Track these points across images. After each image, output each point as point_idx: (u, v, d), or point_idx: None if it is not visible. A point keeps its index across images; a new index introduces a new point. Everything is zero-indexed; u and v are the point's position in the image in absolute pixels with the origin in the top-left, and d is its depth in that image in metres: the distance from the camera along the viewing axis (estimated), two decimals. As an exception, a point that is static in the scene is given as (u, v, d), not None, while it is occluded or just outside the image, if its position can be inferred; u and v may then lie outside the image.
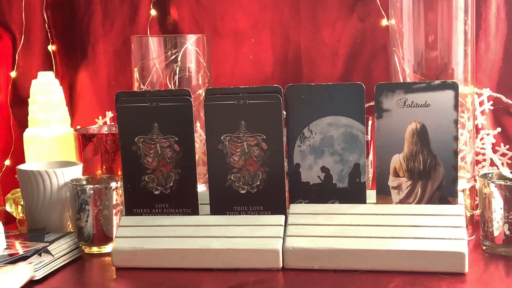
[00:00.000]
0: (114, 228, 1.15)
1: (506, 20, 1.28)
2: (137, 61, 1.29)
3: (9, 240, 1.08)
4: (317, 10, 1.37)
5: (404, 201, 1.08)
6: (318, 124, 1.09)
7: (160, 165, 1.10)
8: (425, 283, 0.94)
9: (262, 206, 1.09)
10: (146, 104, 1.09)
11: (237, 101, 1.07)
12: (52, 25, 1.51)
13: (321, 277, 0.98)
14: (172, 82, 1.27)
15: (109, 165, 1.28)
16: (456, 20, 1.14)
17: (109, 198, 1.14)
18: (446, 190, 1.06)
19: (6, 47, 1.52)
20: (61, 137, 1.35)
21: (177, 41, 1.27)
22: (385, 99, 1.06)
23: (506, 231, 1.04)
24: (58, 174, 1.16)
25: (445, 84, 1.04)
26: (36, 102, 1.36)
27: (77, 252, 1.11)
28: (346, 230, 1.02)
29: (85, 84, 1.51)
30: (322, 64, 1.37)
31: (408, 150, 1.06)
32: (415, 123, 1.06)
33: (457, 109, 1.04)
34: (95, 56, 1.50)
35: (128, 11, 1.47)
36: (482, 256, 1.05)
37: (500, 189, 1.03)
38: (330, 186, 1.09)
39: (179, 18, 1.44)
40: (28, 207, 1.19)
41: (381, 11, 1.32)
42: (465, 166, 1.18)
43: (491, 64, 1.29)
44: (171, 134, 1.10)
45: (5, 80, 1.52)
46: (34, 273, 1.00)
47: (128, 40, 1.34)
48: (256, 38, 1.40)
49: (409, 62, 1.16)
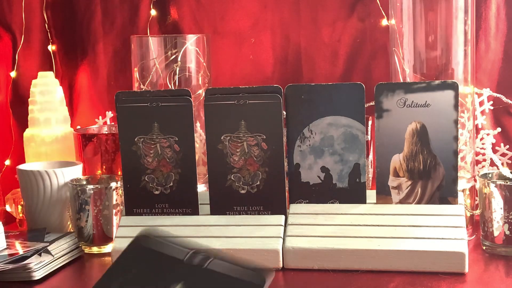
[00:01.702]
0: (114, 228, 1.15)
1: (506, 20, 1.28)
2: (137, 61, 1.29)
3: (9, 240, 1.08)
4: (317, 10, 1.37)
5: (404, 201, 1.08)
6: (318, 124, 1.09)
7: (160, 165, 1.10)
8: (425, 283, 0.94)
9: (262, 206, 1.09)
10: (146, 104, 1.09)
11: (237, 101, 1.07)
12: (52, 25, 1.51)
13: (321, 277, 0.98)
14: (172, 82, 1.27)
15: (109, 165, 1.28)
16: (456, 20, 1.14)
17: (109, 198, 1.14)
18: (446, 190, 1.06)
19: (6, 47, 1.52)
20: (61, 137, 1.35)
21: (177, 41, 1.27)
22: (385, 99, 1.06)
23: (506, 231, 1.04)
24: (58, 174, 1.16)
25: (445, 84, 1.04)
26: (36, 102, 1.36)
27: (77, 252, 1.11)
28: (346, 230, 1.02)
29: (85, 84, 1.51)
30: (322, 64, 1.37)
31: (408, 150, 1.06)
32: (415, 123, 1.06)
33: (457, 109, 1.04)
34: (95, 56, 1.50)
35: (128, 11, 1.47)
36: (482, 256, 1.05)
37: (500, 189, 1.03)
38: (330, 186, 1.09)
39: (179, 18, 1.44)
40: (28, 207, 1.19)
41: (381, 11, 1.32)
42: (465, 166, 1.18)
43: (491, 64, 1.29)
44: (171, 134, 1.10)
45: (5, 80, 1.52)
46: (34, 273, 1.00)
47: (128, 40, 1.34)
48: (256, 38, 1.40)
49: (409, 62, 1.16)
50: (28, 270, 1.00)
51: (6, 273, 0.99)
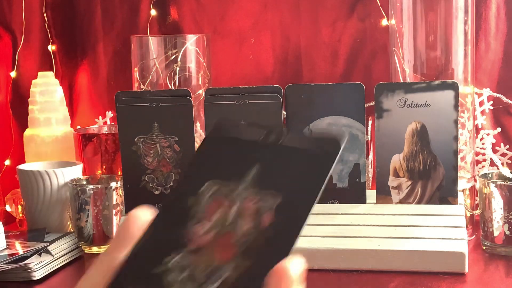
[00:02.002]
0: (114, 228, 1.15)
1: (506, 20, 1.27)
2: (137, 61, 1.29)
3: (9, 240, 1.08)
4: (317, 10, 1.37)
5: (404, 201, 1.07)
6: (318, 124, 1.09)
7: (160, 165, 1.10)
8: (425, 283, 0.94)
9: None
10: (146, 104, 1.09)
11: (237, 101, 1.07)
12: (52, 25, 1.51)
13: (321, 277, 0.98)
14: (172, 82, 1.27)
15: (109, 165, 1.28)
16: (456, 20, 1.14)
17: (109, 198, 1.14)
18: (446, 190, 1.06)
19: (6, 47, 1.52)
20: (61, 137, 1.35)
21: (177, 41, 1.27)
22: (385, 99, 1.06)
23: (506, 231, 1.04)
24: (58, 174, 1.16)
25: (445, 84, 1.04)
26: (36, 102, 1.36)
27: (77, 252, 1.11)
28: (346, 230, 1.02)
29: (85, 84, 1.51)
30: (322, 64, 1.37)
31: (408, 150, 1.06)
32: (415, 123, 1.06)
33: (457, 109, 1.04)
34: (95, 56, 1.50)
35: (128, 11, 1.47)
36: (482, 256, 1.05)
37: (500, 189, 1.03)
38: (330, 186, 1.09)
39: (179, 18, 1.44)
40: (28, 207, 1.19)
41: (381, 11, 1.32)
42: (465, 166, 1.18)
43: (491, 64, 1.29)
44: (171, 134, 1.10)
45: (5, 80, 1.52)
46: (34, 273, 1.00)
47: (128, 40, 1.34)
48: (256, 38, 1.40)
49: (409, 62, 1.16)
50: (28, 270, 1.00)
51: (6, 273, 0.99)
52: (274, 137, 0.47)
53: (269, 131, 0.48)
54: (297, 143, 0.46)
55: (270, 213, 0.44)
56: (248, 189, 0.44)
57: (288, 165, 0.45)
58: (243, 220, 0.44)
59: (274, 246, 0.43)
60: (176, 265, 0.43)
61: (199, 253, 0.43)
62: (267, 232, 0.43)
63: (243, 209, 0.44)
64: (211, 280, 0.42)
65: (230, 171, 0.45)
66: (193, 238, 0.43)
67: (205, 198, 0.45)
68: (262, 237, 0.43)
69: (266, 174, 0.45)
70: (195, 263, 0.43)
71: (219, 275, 0.42)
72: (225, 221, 0.44)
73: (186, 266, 0.43)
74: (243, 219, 0.44)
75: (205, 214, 0.44)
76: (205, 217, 0.44)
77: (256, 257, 0.42)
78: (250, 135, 0.48)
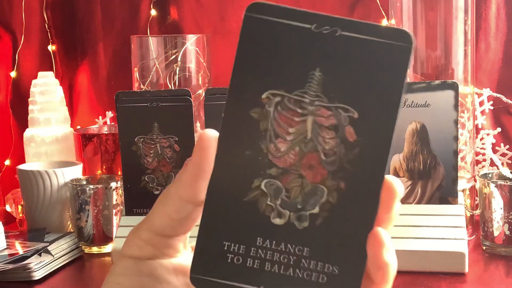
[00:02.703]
0: (114, 228, 1.15)
1: (506, 20, 1.28)
2: (137, 61, 1.29)
3: (9, 240, 1.08)
4: (317, 10, 1.36)
5: (404, 201, 1.07)
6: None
7: (160, 165, 1.10)
8: (425, 283, 0.94)
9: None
10: (146, 104, 1.09)
11: (237, 101, 1.07)
12: (52, 25, 1.51)
13: (321, 277, 0.98)
14: (172, 82, 1.27)
15: (109, 165, 1.28)
16: (456, 20, 1.14)
17: (109, 198, 1.14)
18: (446, 190, 1.06)
19: (6, 47, 1.52)
20: (61, 137, 1.35)
21: (177, 41, 1.27)
22: (385, 99, 1.06)
23: (506, 231, 1.04)
24: (58, 174, 1.16)
25: (445, 84, 1.04)
26: (36, 102, 1.36)
27: (77, 252, 1.11)
28: (346, 230, 1.02)
29: (85, 84, 1.51)
30: (322, 64, 1.37)
31: (408, 150, 1.06)
32: (415, 123, 1.06)
33: (457, 109, 1.04)
34: (95, 56, 1.50)
35: (128, 11, 1.47)
36: (482, 256, 1.05)
37: (500, 189, 1.03)
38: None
39: (179, 18, 1.44)
40: (28, 207, 1.19)
41: (381, 11, 1.32)
42: (465, 166, 1.18)
43: (491, 64, 1.29)
44: (171, 134, 1.10)
45: (5, 80, 1.52)
46: (34, 273, 1.00)
47: (128, 40, 1.34)
48: (256, 38, 1.40)
49: (409, 62, 1.16)
50: (28, 270, 1.00)
51: (6, 273, 0.99)
52: (328, 28, 0.41)
53: (319, 17, 0.42)
54: (362, 32, 0.40)
55: (350, 128, 0.39)
56: (316, 99, 0.39)
57: (356, 62, 0.39)
58: (324, 136, 0.39)
59: (365, 166, 0.39)
60: (268, 188, 0.39)
61: (288, 174, 0.39)
62: (354, 150, 0.39)
63: (318, 123, 0.39)
64: (309, 204, 0.39)
65: (288, 77, 0.40)
66: (277, 157, 0.39)
67: (272, 111, 0.40)
68: (350, 156, 0.39)
69: (331, 74, 0.39)
70: (287, 185, 0.39)
71: (316, 200, 0.39)
72: (304, 137, 0.39)
73: (279, 190, 0.39)
74: (323, 134, 0.39)
75: (279, 130, 0.40)
76: (281, 133, 0.40)
77: (349, 179, 0.39)
78: (298, 19, 0.42)
